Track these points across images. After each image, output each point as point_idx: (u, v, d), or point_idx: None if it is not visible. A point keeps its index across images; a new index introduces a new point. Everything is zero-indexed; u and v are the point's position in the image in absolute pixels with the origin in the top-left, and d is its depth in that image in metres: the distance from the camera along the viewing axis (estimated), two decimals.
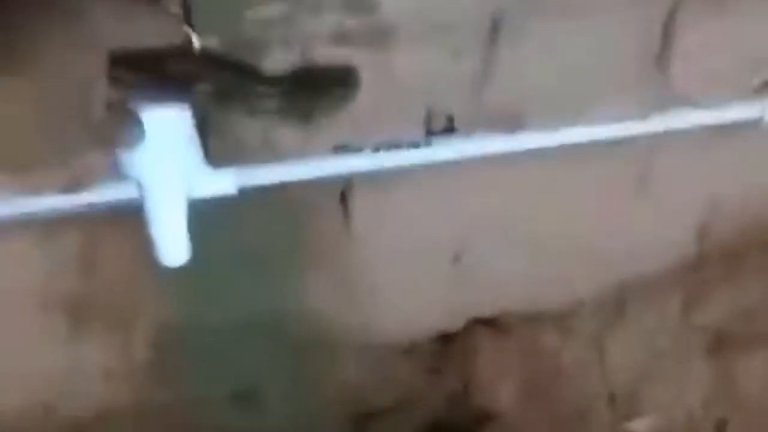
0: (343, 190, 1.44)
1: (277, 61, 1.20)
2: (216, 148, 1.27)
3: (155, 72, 1.16)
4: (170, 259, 1.21)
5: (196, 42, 1.13)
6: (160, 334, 1.61)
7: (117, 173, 1.28)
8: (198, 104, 1.21)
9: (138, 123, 1.15)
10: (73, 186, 1.29)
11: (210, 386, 1.69)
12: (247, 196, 1.34)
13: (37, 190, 1.30)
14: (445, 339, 1.75)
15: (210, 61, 1.17)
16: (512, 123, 1.39)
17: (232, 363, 1.64)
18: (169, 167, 1.18)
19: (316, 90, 1.25)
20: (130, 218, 1.40)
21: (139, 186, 1.22)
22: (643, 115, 1.48)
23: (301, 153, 1.31)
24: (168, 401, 1.76)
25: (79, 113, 1.16)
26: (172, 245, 1.20)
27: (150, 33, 1.12)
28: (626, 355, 1.72)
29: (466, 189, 1.48)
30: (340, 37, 1.20)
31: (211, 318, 1.56)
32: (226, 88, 1.21)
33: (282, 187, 1.37)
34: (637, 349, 1.79)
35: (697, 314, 1.83)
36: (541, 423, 1.69)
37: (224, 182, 1.31)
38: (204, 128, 1.24)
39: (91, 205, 1.34)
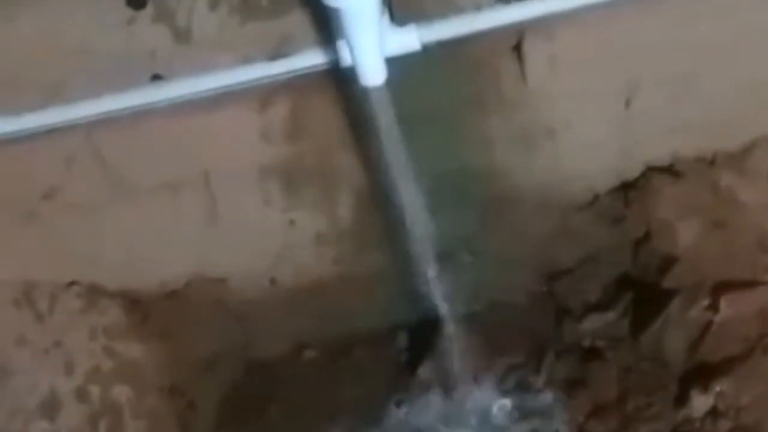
0: (516, 40, 1.56)
1: None
2: (399, 4, 1.43)
3: None
4: (371, 79, 1.38)
5: None
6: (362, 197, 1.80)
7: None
8: None
9: None
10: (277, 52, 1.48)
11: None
12: (431, 53, 1.50)
13: (246, 60, 1.50)
14: (625, 188, 1.85)
15: None
16: None
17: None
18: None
19: None
20: (334, 83, 1.59)
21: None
22: None
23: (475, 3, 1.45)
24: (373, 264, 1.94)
25: None
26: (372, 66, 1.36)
27: None
28: None
29: (634, 26, 1.55)
30: None
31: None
32: None
33: (461, 42, 1.51)
34: None
35: None
36: (721, 258, 1.76)
37: (409, 39, 1.47)
38: None
39: (295, 71, 1.53)
